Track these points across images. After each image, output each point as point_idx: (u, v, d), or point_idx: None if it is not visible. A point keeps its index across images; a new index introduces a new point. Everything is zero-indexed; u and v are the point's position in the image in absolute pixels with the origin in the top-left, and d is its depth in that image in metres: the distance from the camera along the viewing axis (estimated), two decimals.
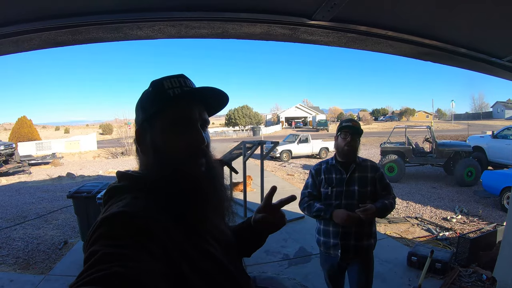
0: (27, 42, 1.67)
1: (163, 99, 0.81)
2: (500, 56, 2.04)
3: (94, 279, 0.54)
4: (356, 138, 2.25)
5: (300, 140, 18.64)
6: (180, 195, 0.78)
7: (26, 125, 30.45)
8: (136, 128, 0.87)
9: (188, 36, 1.78)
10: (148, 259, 0.61)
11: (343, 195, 2.25)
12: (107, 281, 0.54)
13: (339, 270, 2.37)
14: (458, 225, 6.25)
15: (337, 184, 2.28)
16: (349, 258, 2.27)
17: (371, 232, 2.30)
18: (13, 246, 5.43)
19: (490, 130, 12.78)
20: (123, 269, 0.56)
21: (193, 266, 0.72)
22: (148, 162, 0.84)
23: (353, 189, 2.25)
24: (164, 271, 0.64)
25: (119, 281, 0.54)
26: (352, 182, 2.26)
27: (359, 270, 2.31)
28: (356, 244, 2.23)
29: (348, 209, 2.19)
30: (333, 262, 2.35)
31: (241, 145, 6.80)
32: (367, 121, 61.06)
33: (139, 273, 0.57)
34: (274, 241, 5.10)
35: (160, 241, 0.67)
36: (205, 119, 0.87)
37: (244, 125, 55.31)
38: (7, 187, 12.09)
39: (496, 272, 3.38)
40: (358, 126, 2.28)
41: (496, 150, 11.21)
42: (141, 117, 0.85)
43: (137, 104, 0.88)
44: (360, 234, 2.23)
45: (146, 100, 0.85)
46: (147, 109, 0.84)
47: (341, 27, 1.59)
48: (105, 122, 68.46)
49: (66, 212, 7.47)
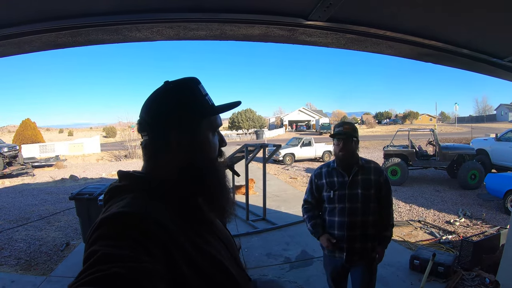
0: (28, 44, 1.68)
1: (205, 104, 0.88)
2: (501, 56, 2.02)
3: (93, 279, 0.54)
4: (349, 142, 2.23)
5: (303, 144, 18.63)
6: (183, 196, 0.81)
7: (30, 128, 30.63)
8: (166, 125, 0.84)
9: (187, 38, 1.78)
10: (148, 260, 0.61)
11: (346, 198, 2.23)
12: (106, 282, 0.54)
13: (343, 272, 2.37)
14: (461, 228, 6.19)
15: (340, 187, 2.26)
16: (354, 260, 2.26)
17: (375, 234, 2.29)
18: (15, 247, 5.45)
19: (494, 133, 12.68)
20: (122, 270, 0.56)
21: (194, 267, 0.71)
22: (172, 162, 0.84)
23: (356, 192, 2.23)
24: (163, 272, 0.64)
25: (118, 282, 0.54)
26: (355, 185, 2.24)
27: (362, 272, 2.30)
28: (361, 247, 2.23)
29: (352, 213, 2.20)
30: (336, 264, 2.34)
31: (243, 148, 6.80)
32: (371, 124, 60.85)
33: (138, 274, 0.57)
34: (276, 244, 5.10)
35: (160, 242, 0.67)
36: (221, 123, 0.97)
37: (247, 129, 55.28)
38: (10, 188, 12.17)
39: (500, 275, 3.34)
40: (349, 130, 2.25)
41: (500, 153, 11.14)
42: (180, 115, 0.84)
43: (171, 100, 0.85)
44: (366, 236, 2.23)
45: (187, 102, 0.85)
46: (192, 110, 0.86)
47: (338, 28, 1.59)
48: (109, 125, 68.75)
49: (68, 214, 7.50)
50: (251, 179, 8.05)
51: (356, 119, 76.51)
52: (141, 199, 0.75)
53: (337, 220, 2.25)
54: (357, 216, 2.21)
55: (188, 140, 0.84)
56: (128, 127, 33.31)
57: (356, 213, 2.20)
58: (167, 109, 0.84)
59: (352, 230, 2.21)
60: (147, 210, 0.71)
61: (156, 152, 0.84)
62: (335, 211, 2.26)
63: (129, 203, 0.72)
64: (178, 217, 0.76)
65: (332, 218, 2.28)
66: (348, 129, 2.26)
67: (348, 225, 2.21)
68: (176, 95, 0.85)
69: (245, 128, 55.46)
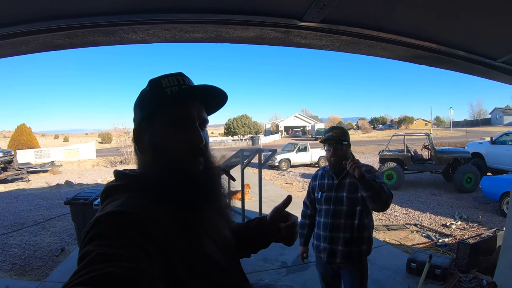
0: (25, 45, 1.68)
1: (161, 98, 0.81)
2: (495, 57, 2.05)
3: (87, 279, 0.53)
4: (340, 146, 2.24)
5: (299, 149, 18.66)
6: (178, 195, 0.78)
7: (25, 133, 30.40)
8: (134, 127, 0.87)
9: (183, 40, 1.80)
10: (143, 260, 0.60)
11: (331, 200, 2.27)
12: (100, 282, 0.53)
13: (334, 274, 2.36)
14: (457, 231, 6.21)
15: (327, 189, 2.32)
16: (336, 262, 2.26)
17: (362, 237, 2.24)
18: (10, 252, 5.39)
19: (489, 137, 12.78)
20: (117, 270, 0.55)
21: (190, 267, 0.70)
22: (146, 161, 0.83)
23: (341, 195, 2.25)
24: (160, 272, 0.63)
25: (113, 282, 0.53)
26: (342, 188, 2.27)
27: (352, 276, 2.29)
28: (343, 250, 2.21)
29: (336, 215, 2.24)
30: (326, 266, 2.36)
31: (239, 153, 6.78)
32: (366, 129, 61.00)
33: (133, 273, 0.56)
34: (272, 249, 4.98)
35: (156, 241, 0.65)
36: (203, 118, 0.87)
37: (243, 135, 55.21)
38: (5, 194, 12.05)
39: (497, 277, 3.35)
40: (339, 135, 2.26)
41: (495, 156, 11.21)
42: (139, 116, 0.85)
43: (135, 103, 0.88)
44: (349, 239, 2.21)
45: (144, 99, 0.85)
46: (145, 107, 0.83)
47: (333, 29, 1.61)
48: (104, 131, 68.28)
49: (63, 220, 7.43)
50: (247, 184, 8.02)
51: (351, 124, 76.78)
52: (137, 198, 0.74)
53: (322, 221, 2.31)
54: (341, 219, 2.22)
55: (147, 139, 0.83)
56: (123, 133, 33.17)
57: (340, 215, 2.22)
58: (134, 110, 0.88)
59: (334, 231, 2.23)
60: (143, 209, 0.70)
61: (136, 152, 0.87)
62: (322, 212, 2.32)
63: (124, 202, 0.71)
64: (174, 217, 0.75)
65: (319, 219, 2.35)
66: (338, 133, 2.27)
67: (331, 227, 2.24)
68: (138, 96, 0.88)
69: (241, 134, 55.37)
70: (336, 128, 2.35)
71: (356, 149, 26.84)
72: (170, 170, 0.79)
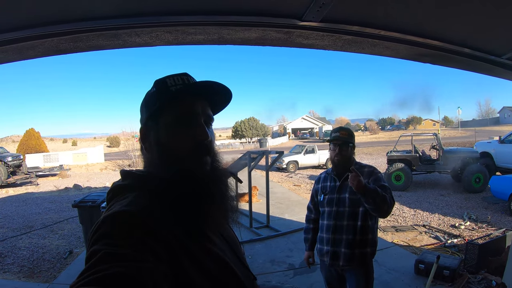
0: (31, 49, 1.71)
1: (166, 95, 0.82)
2: (499, 54, 2.01)
3: (94, 279, 0.53)
4: (345, 147, 2.24)
5: (306, 151, 18.64)
6: (184, 194, 0.77)
7: (34, 137, 30.80)
8: (140, 127, 0.88)
9: (185, 43, 1.80)
10: (150, 259, 0.60)
11: (334, 202, 2.27)
12: (107, 282, 0.53)
13: (338, 277, 2.33)
14: (466, 231, 6.13)
15: (330, 191, 2.32)
16: (339, 265, 2.24)
17: (365, 239, 2.21)
18: (19, 255, 5.47)
19: (498, 136, 12.60)
20: (124, 270, 0.55)
21: (198, 266, 0.70)
22: (153, 160, 0.84)
23: (344, 197, 2.24)
24: (166, 271, 0.63)
25: (120, 282, 0.54)
26: (344, 190, 2.25)
27: (356, 279, 2.26)
28: (346, 252, 2.19)
29: (338, 216, 2.23)
30: (330, 269, 2.33)
31: (246, 155, 6.81)
32: (374, 130, 60.66)
33: (140, 273, 0.56)
34: (280, 251, 5.08)
35: (162, 240, 0.66)
36: (208, 115, 0.87)
37: (250, 137, 55.18)
38: (14, 197, 12.24)
39: (506, 277, 3.30)
40: (345, 136, 2.26)
41: (504, 155, 11.05)
42: (145, 116, 0.86)
43: (141, 103, 0.89)
44: (352, 241, 2.19)
45: (149, 99, 0.86)
46: (151, 107, 0.84)
47: (334, 28, 1.60)
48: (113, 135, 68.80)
49: (72, 223, 7.52)
50: (254, 187, 8.03)
51: (359, 125, 76.32)
52: (144, 198, 0.74)
53: (325, 223, 2.30)
54: (343, 220, 2.21)
55: (153, 138, 0.84)
56: (131, 137, 33.29)
57: (342, 217, 2.21)
58: (140, 110, 0.90)
59: (337, 233, 2.22)
60: (150, 209, 0.70)
61: (142, 151, 0.88)
62: (325, 214, 2.32)
63: (131, 201, 0.72)
64: (181, 216, 0.75)
65: (322, 222, 2.35)
66: (344, 134, 2.27)
67: (333, 228, 2.23)
68: (144, 96, 0.89)
69: (249, 136, 55.35)
70: (343, 129, 2.34)
71: (364, 150, 26.67)
72: (175, 170, 0.79)
